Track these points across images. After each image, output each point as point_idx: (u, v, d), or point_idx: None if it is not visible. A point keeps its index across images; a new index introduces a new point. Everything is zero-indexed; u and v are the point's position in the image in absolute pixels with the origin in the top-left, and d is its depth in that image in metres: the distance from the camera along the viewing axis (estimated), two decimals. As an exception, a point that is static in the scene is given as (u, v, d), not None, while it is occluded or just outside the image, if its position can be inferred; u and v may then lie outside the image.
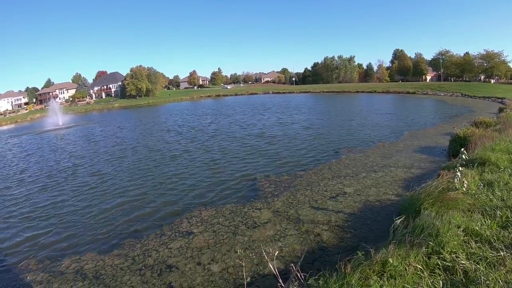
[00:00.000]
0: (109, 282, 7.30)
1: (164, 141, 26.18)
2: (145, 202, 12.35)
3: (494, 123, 19.82)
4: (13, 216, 12.25)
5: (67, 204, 12.87)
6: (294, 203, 11.02)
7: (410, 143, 19.46)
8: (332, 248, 7.78)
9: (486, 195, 7.28)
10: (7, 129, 59.20)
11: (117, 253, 8.67)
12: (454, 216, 6.09)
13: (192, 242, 8.81)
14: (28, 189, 15.60)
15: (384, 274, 4.57)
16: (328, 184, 12.75)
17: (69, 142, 31.73)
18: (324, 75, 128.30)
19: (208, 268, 7.47)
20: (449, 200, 7.10)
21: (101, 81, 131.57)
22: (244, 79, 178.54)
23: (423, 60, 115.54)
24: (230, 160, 17.73)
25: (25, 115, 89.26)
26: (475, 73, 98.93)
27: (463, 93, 61.84)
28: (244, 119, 37.67)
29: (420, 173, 13.21)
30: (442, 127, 24.90)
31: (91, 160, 21.13)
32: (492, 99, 50.83)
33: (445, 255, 4.77)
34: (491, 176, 8.65)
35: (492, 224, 5.69)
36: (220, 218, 10.25)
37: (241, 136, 25.63)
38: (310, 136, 23.96)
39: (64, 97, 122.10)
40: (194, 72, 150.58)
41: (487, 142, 12.88)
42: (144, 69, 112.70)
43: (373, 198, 10.91)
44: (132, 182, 15.13)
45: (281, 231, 9.01)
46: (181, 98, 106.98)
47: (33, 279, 7.86)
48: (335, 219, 9.47)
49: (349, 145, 20.09)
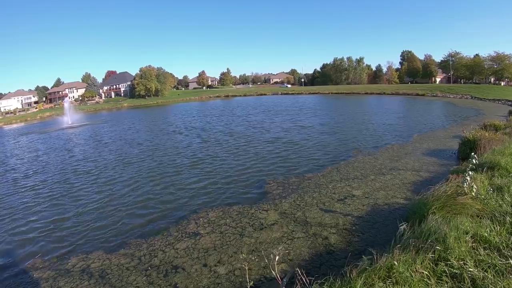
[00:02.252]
0: (114, 282, 7.36)
1: (173, 142, 26.36)
2: (152, 202, 12.43)
3: (504, 126, 19.57)
4: (23, 215, 12.42)
5: (75, 204, 13.02)
6: (302, 205, 10.99)
7: (419, 146, 19.28)
8: (339, 252, 7.74)
9: (495, 200, 7.15)
10: (16, 128, 60.03)
11: (123, 253, 8.75)
12: (463, 221, 5.99)
13: (199, 243, 8.84)
14: (38, 187, 15.84)
15: (390, 280, 4.52)
16: (336, 186, 12.70)
17: (79, 141, 32.13)
18: (333, 76, 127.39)
19: (214, 270, 7.49)
20: (457, 205, 7.02)
21: (110, 80, 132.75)
22: (253, 79, 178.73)
23: (433, 61, 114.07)
24: (239, 161, 17.77)
25: (34, 113, 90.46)
26: (485, 75, 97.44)
27: (472, 95, 61.07)
28: (256, 121, 37.74)
29: (429, 176, 13.09)
30: (451, 130, 24.61)
31: (99, 159, 21.35)
32: (502, 102, 50.18)
33: (452, 262, 4.68)
34: (501, 180, 8.50)
35: (502, 231, 5.58)
36: (227, 219, 10.28)
37: (251, 138, 25.68)
38: (319, 138, 23.90)
39: (74, 96, 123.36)
40: (203, 73, 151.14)
41: (496, 146, 12.71)
42: (153, 69, 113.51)
43: (382, 201, 10.84)
44: (140, 182, 15.23)
45: (288, 233, 9.00)
46: (190, 98, 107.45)
47: (40, 276, 7.98)
48: (343, 222, 9.43)
49: (358, 147, 19.99)
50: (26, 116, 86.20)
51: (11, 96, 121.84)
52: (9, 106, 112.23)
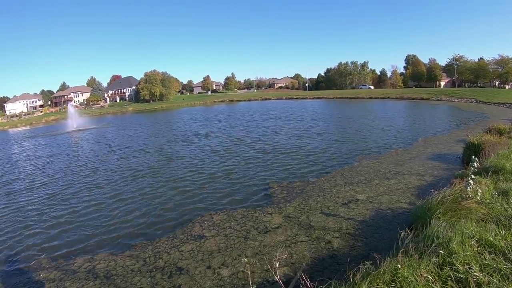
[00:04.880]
0: (119, 283, 7.40)
1: (179, 144, 26.47)
2: (159, 204, 12.49)
3: (509, 130, 19.45)
4: (28, 215, 12.49)
5: (82, 205, 13.07)
6: (306, 209, 10.99)
7: (423, 150, 19.21)
8: (342, 256, 7.72)
9: (500, 205, 7.11)
10: (22, 131, 60.50)
11: (129, 254, 8.80)
12: (467, 226, 5.98)
13: (203, 246, 8.87)
14: (44, 188, 15.94)
15: (394, 284, 4.51)
16: (340, 190, 12.68)
17: (85, 144, 32.38)
18: (338, 81, 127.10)
19: (218, 272, 7.50)
20: (462, 209, 6.99)
21: (115, 85, 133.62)
22: (257, 84, 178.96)
23: (437, 65, 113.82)
24: (244, 166, 17.81)
25: (40, 117, 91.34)
26: (490, 79, 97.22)
27: (477, 99, 60.60)
28: (263, 127, 37.91)
29: (433, 180, 13.02)
30: (456, 134, 24.49)
31: (104, 162, 21.49)
32: (507, 105, 49.70)
33: (458, 266, 4.67)
34: (506, 185, 8.45)
35: (507, 235, 5.55)
36: (232, 222, 10.31)
37: (254, 141, 25.75)
38: (324, 142, 23.86)
39: (79, 100, 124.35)
40: (208, 77, 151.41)
41: (501, 150, 12.63)
42: (158, 73, 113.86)
43: (386, 205, 10.81)
44: (146, 184, 15.31)
45: (292, 237, 8.99)
46: (194, 103, 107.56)
47: (45, 277, 8.05)
48: (346, 227, 9.41)
49: (362, 151, 19.94)
50: (31, 120, 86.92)
51: (17, 100, 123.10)
52: (15, 110, 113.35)
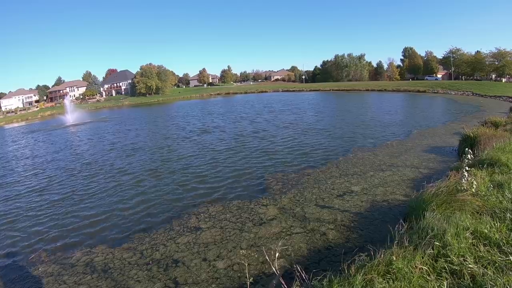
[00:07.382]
0: (116, 276, 7.40)
1: (176, 138, 26.39)
2: (156, 197, 12.49)
3: (505, 123, 19.49)
4: (27, 209, 12.47)
5: (80, 198, 13.07)
6: (301, 200, 11.00)
7: (419, 142, 19.23)
8: (338, 248, 7.73)
9: (495, 197, 7.11)
10: (17, 126, 60.07)
11: (126, 247, 8.82)
12: (462, 218, 5.97)
13: (199, 238, 8.88)
14: (42, 182, 15.91)
15: (389, 275, 4.51)
16: (335, 182, 12.69)
17: (81, 138, 32.26)
18: (334, 73, 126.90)
19: (213, 264, 7.52)
20: (457, 201, 6.99)
21: (111, 79, 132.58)
22: (253, 77, 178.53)
23: (434, 58, 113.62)
24: (239, 158, 17.76)
25: (35, 112, 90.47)
26: (486, 72, 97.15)
27: (474, 91, 60.75)
28: (257, 118, 37.75)
29: (428, 173, 13.05)
30: (452, 126, 24.54)
31: (102, 156, 21.43)
32: (503, 98, 49.86)
33: (452, 258, 4.67)
34: (501, 177, 8.45)
35: (502, 227, 5.56)
36: (227, 214, 10.32)
37: (250, 134, 25.68)
38: (319, 134, 23.85)
39: (75, 94, 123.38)
40: (204, 70, 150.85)
41: (497, 142, 12.63)
42: (154, 67, 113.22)
43: (380, 197, 10.83)
44: (143, 177, 15.28)
45: (287, 229, 9.00)
46: (190, 96, 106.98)
47: (44, 270, 8.07)
48: (341, 218, 9.42)
49: (358, 143, 19.96)
50: (27, 115, 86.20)
51: (12, 96, 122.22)
52: (10, 105, 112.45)
